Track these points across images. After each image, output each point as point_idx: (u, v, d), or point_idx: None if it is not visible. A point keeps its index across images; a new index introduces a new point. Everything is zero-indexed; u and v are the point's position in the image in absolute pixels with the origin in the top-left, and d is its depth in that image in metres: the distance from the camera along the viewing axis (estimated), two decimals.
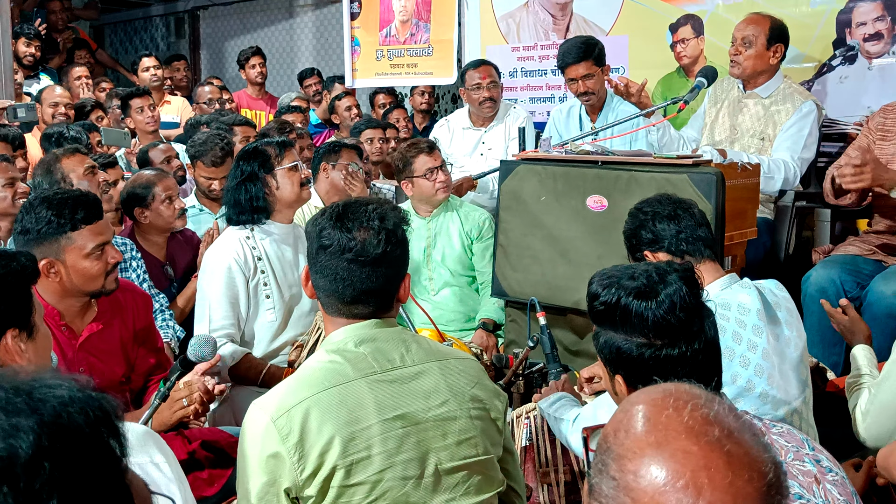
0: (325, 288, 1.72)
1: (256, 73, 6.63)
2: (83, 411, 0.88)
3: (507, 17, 5.34)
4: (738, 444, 0.92)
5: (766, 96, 3.66)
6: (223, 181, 3.89)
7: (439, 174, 3.61)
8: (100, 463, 0.88)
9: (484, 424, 1.74)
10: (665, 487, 0.89)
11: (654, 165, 2.99)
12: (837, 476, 1.55)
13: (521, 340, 3.27)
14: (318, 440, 1.57)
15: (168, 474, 1.54)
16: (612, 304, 1.58)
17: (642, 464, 0.91)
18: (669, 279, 1.57)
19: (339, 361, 1.66)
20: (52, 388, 0.88)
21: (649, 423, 0.94)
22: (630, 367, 1.58)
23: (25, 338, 1.66)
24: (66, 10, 7.62)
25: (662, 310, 1.54)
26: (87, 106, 5.13)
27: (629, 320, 1.56)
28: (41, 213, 2.31)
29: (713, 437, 0.91)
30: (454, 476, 1.68)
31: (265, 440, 1.58)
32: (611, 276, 1.62)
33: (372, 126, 5.01)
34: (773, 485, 0.91)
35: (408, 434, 1.63)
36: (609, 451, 0.95)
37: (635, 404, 0.98)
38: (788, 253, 3.66)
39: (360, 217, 1.70)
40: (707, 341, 1.57)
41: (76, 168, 3.26)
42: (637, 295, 1.56)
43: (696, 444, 0.91)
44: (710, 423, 0.93)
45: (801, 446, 1.58)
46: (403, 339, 1.73)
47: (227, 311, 2.93)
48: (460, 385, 1.73)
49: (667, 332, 1.54)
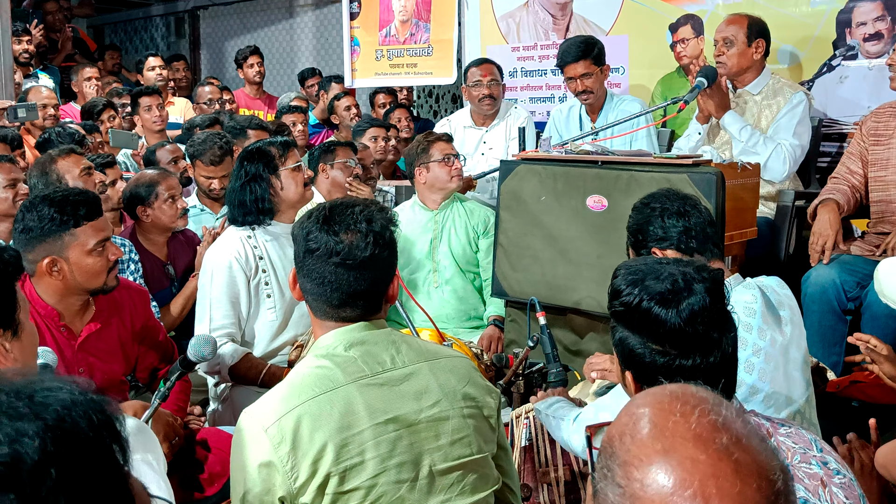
0: (312, 291, 1.70)
1: (255, 72, 6.62)
2: (86, 415, 0.87)
3: (507, 16, 5.34)
4: (747, 452, 0.90)
5: (757, 93, 3.67)
6: (223, 180, 3.90)
7: (455, 161, 3.70)
8: (104, 467, 0.87)
9: (477, 423, 1.73)
10: (672, 497, 0.87)
11: (654, 165, 2.99)
12: (845, 478, 1.52)
13: (521, 340, 3.27)
14: (311, 448, 1.56)
15: (157, 470, 1.54)
16: (633, 305, 1.54)
17: (649, 472, 0.90)
18: (695, 288, 1.52)
19: (329, 367, 1.64)
20: (53, 392, 0.87)
21: (656, 428, 0.93)
22: (641, 368, 1.56)
23: (10, 336, 1.62)
24: (63, 9, 7.62)
25: (682, 319, 1.50)
26: (99, 105, 5.12)
27: (647, 325, 1.53)
28: (43, 211, 2.31)
29: (721, 444, 0.90)
30: (449, 476, 1.67)
31: (257, 449, 1.57)
32: (637, 273, 1.58)
33: (376, 125, 5.02)
34: (782, 492, 0.90)
35: (400, 437, 1.62)
36: (614, 457, 0.94)
37: (641, 407, 0.96)
38: (788, 252, 3.66)
39: (346, 219, 1.68)
40: (724, 356, 1.53)
41: (72, 169, 3.26)
42: (659, 301, 1.52)
43: (703, 452, 0.89)
44: (718, 430, 0.91)
45: (809, 448, 1.56)
46: (393, 341, 1.71)
47: (227, 310, 2.93)
48: (452, 384, 1.72)
49: (683, 342, 1.51)
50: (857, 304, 3.15)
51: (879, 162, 3.29)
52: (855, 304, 3.15)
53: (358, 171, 3.98)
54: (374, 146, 4.78)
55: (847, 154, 3.45)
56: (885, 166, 3.27)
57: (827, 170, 3.84)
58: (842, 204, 3.26)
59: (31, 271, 2.34)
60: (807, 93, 3.69)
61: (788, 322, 2.18)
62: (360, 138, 4.81)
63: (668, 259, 1.60)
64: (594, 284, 3.07)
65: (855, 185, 3.34)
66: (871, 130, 3.33)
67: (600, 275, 3.05)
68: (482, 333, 3.57)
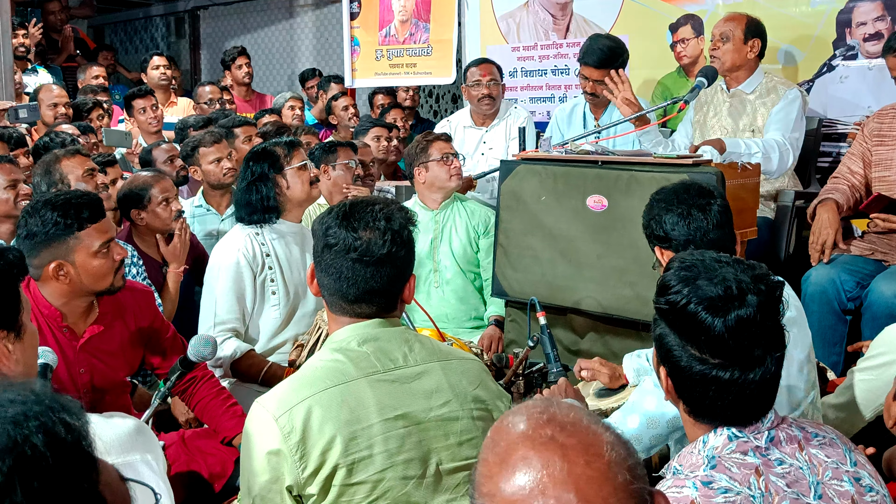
0: (329, 286, 1.73)
1: (244, 73, 6.52)
2: (41, 428, 0.82)
3: (507, 16, 5.34)
4: (571, 435, 0.95)
5: (751, 91, 3.67)
6: (230, 159, 3.90)
7: (454, 160, 3.71)
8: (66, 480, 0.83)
9: (486, 425, 1.73)
10: (515, 497, 0.92)
11: (655, 165, 2.99)
12: (878, 496, 1.47)
13: (521, 340, 3.27)
14: (320, 439, 1.58)
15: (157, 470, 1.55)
16: (679, 306, 1.46)
17: (493, 483, 0.95)
18: (749, 299, 1.43)
19: (342, 360, 1.66)
20: (3, 407, 0.82)
21: (497, 445, 0.98)
22: (676, 371, 1.50)
23: (13, 338, 1.62)
24: (64, 9, 7.61)
25: (727, 331, 1.42)
26: (88, 104, 5.11)
27: (690, 328, 1.46)
28: (46, 215, 2.30)
29: (546, 436, 0.95)
30: (455, 476, 1.69)
31: (267, 438, 1.59)
32: (690, 269, 1.49)
33: (378, 125, 5.02)
34: (614, 461, 0.93)
35: (409, 434, 1.64)
36: (472, 483, 0.99)
37: (489, 436, 1.02)
38: (788, 252, 3.66)
39: (366, 217, 1.71)
40: (765, 375, 1.46)
41: (75, 170, 3.26)
42: (708, 307, 1.43)
43: (532, 449, 0.94)
44: (544, 426, 0.96)
45: (843, 462, 1.50)
46: (406, 339, 1.73)
47: (232, 304, 2.98)
48: (463, 386, 1.74)
49: (724, 354, 1.44)
50: (856, 304, 3.15)
51: (883, 162, 3.29)
52: (855, 304, 3.16)
53: (359, 171, 3.98)
54: (376, 146, 4.78)
55: (848, 154, 3.45)
56: (889, 166, 3.27)
57: (827, 170, 3.85)
58: (841, 203, 3.26)
59: (36, 276, 2.33)
60: (801, 89, 3.69)
61: (794, 324, 2.17)
62: (363, 137, 4.80)
63: (728, 258, 1.52)
64: (594, 284, 3.07)
65: (855, 185, 3.34)
66: (875, 131, 3.33)
67: (600, 275, 3.06)
68: (482, 333, 3.58)
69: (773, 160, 3.44)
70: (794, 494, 1.43)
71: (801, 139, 3.62)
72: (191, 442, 2.57)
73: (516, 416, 1.00)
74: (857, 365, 2.56)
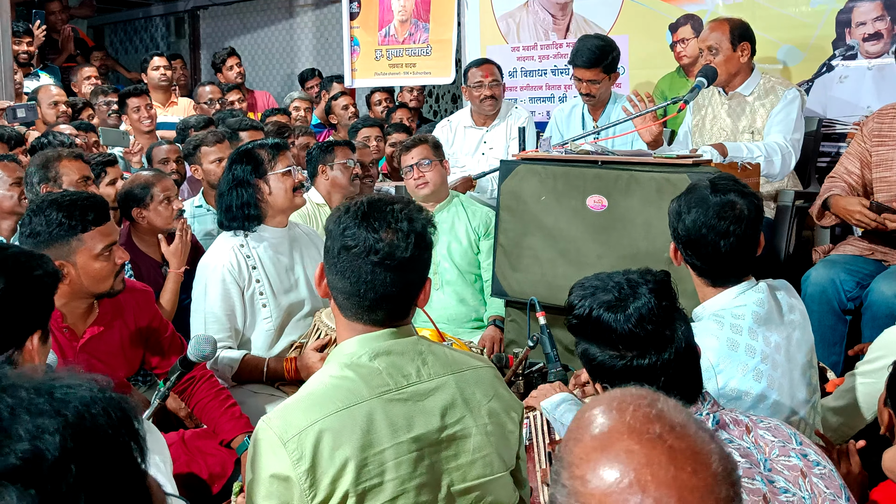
0: (344, 290, 1.62)
1: (235, 73, 6.49)
2: (105, 412, 0.87)
3: (507, 16, 5.34)
4: (681, 438, 0.93)
5: (749, 94, 3.66)
6: None
7: (414, 171, 3.70)
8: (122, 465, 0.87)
9: (498, 439, 1.69)
10: (611, 488, 0.90)
11: (655, 165, 2.99)
12: (825, 469, 1.58)
13: (521, 340, 3.27)
14: (331, 466, 1.51)
15: (163, 471, 1.55)
16: (585, 316, 1.66)
17: (589, 468, 0.93)
18: (640, 291, 1.63)
19: (353, 378, 1.58)
20: (73, 389, 0.87)
21: (596, 428, 0.96)
22: (606, 376, 1.66)
23: (42, 341, 1.69)
24: (65, 9, 7.61)
25: (630, 323, 1.60)
26: (79, 104, 5.10)
27: (600, 332, 1.64)
28: (51, 215, 2.30)
29: (654, 433, 0.93)
30: (466, 498, 1.64)
31: (275, 462, 1.52)
32: (587, 287, 1.69)
33: (368, 125, 5.01)
34: (720, 475, 0.91)
35: (421, 457, 1.58)
36: (561, 461, 0.97)
37: (585, 412, 1.00)
38: (788, 253, 3.65)
39: (386, 217, 1.60)
40: (679, 351, 1.62)
41: (72, 174, 3.26)
42: (607, 308, 1.63)
43: (637, 443, 0.92)
44: (652, 421, 0.94)
45: (788, 441, 1.61)
46: (420, 351, 1.65)
47: (223, 323, 2.88)
48: (477, 398, 1.67)
49: (636, 344, 1.61)
50: (856, 303, 3.15)
51: (884, 163, 3.28)
52: (855, 304, 3.15)
53: (357, 170, 3.96)
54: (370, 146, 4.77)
55: (846, 154, 3.44)
56: (890, 167, 3.26)
57: (827, 170, 3.84)
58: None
59: None
60: (799, 89, 3.69)
61: (797, 327, 2.17)
62: (353, 138, 4.79)
63: (618, 272, 1.71)
64: None
65: (851, 185, 3.33)
66: (875, 131, 3.32)
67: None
68: (482, 334, 3.57)
69: (776, 164, 3.43)
70: (748, 464, 1.56)
71: (802, 139, 3.62)
72: (191, 442, 2.57)
73: (621, 402, 0.97)
74: (857, 368, 2.55)
